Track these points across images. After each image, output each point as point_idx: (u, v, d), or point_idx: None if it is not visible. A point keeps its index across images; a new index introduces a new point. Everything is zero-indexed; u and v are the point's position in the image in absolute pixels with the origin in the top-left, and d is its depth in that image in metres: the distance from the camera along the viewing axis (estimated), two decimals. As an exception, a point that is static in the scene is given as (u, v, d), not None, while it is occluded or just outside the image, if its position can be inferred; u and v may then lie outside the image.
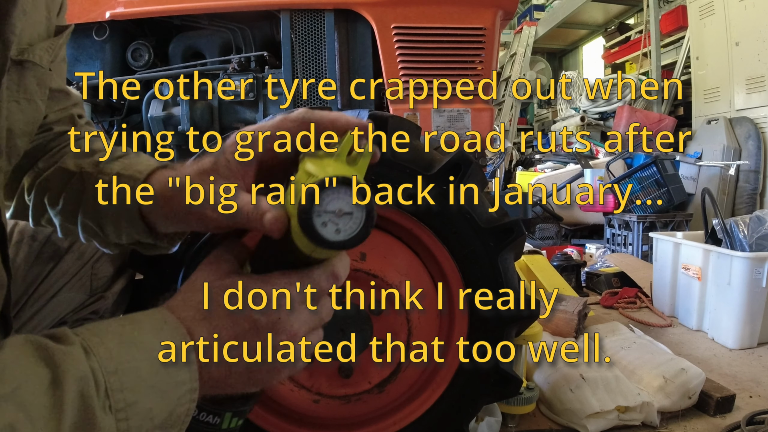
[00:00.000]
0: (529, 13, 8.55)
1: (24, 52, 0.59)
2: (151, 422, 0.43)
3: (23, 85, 0.60)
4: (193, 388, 0.46)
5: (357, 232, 0.47)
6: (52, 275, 0.88)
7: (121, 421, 0.41)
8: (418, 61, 1.67)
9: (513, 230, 0.96)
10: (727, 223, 2.17)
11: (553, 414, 1.40)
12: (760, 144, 4.12)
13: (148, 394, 0.43)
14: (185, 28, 1.85)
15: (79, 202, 0.67)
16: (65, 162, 0.70)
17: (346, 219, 0.47)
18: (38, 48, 0.61)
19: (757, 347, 1.97)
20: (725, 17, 4.40)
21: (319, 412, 1.03)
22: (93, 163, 0.69)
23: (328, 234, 0.46)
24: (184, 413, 0.46)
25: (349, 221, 0.47)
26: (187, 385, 0.46)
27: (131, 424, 0.42)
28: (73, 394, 0.39)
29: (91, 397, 0.40)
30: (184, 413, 0.46)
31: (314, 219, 0.46)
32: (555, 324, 1.83)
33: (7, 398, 0.36)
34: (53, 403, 0.38)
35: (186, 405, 0.46)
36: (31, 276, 0.86)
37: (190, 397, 0.46)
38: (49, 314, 0.87)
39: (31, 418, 0.36)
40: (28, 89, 0.61)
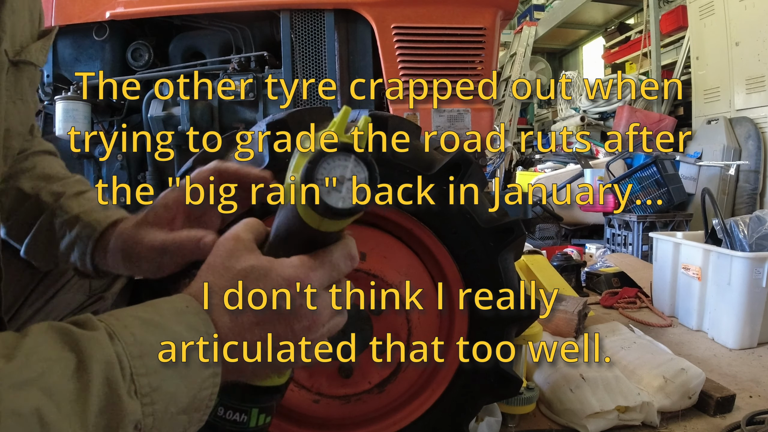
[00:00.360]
0: (529, 13, 8.55)
1: (20, 53, 0.60)
2: (175, 406, 0.44)
3: (19, 86, 0.62)
4: (215, 373, 0.47)
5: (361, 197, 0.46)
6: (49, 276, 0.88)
7: (146, 405, 0.41)
8: (418, 61, 1.67)
9: (513, 230, 0.96)
10: (727, 223, 2.17)
11: (553, 414, 1.40)
12: (760, 144, 4.12)
13: (172, 378, 0.43)
14: (185, 28, 1.85)
15: (32, 226, 0.73)
16: (21, 182, 0.74)
17: (348, 185, 0.46)
18: (33, 49, 0.62)
19: (757, 347, 1.97)
20: (725, 17, 4.40)
21: (319, 412, 1.03)
22: (51, 193, 0.74)
23: (332, 202, 0.45)
24: (207, 397, 0.46)
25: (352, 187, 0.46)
26: (210, 369, 0.46)
27: (156, 408, 0.42)
28: (99, 378, 0.39)
29: (117, 381, 0.40)
30: (207, 397, 0.46)
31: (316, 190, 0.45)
32: (555, 324, 1.83)
33: (33, 383, 0.36)
34: (79, 388, 0.38)
35: (209, 389, 0.46)
36: (28, 277, 0.86)
37: (213, 381, 0.47)
38: (48, 316, 0.86)
39: (57, 402, 0.36)
40: (22, 89, 0.63)
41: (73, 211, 0.71)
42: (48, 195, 0.73)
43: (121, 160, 1.82)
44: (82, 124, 1.67)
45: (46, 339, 0.40)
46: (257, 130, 0.94)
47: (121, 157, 1.81)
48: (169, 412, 0.43)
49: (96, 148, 1.83)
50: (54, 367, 0.38)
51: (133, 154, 1.83)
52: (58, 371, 0.38)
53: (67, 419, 0.37)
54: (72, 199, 0.73)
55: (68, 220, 0.71)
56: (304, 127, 0.90)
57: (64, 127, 1.65)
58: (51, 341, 0.40)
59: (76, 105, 1.67)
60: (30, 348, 0.38)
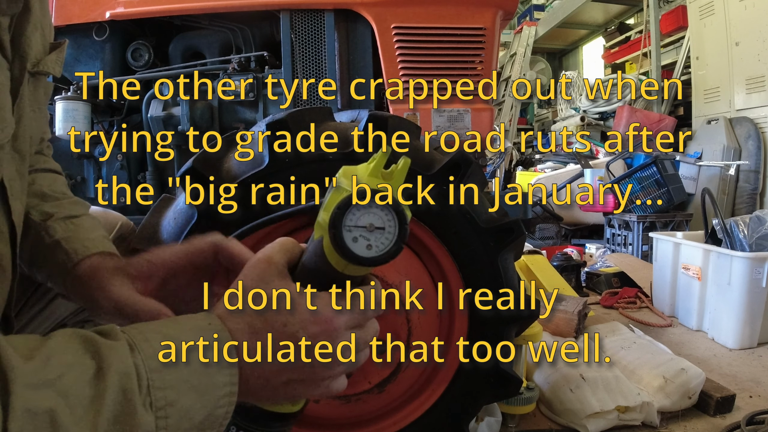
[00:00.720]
0: (529, 13, 8.55)
1: (38, 65, 0.62)
2: (189, 422, 0.44)
3: (37, 96, 0.64)
4: (232, 392, 0.47)
5: (389, 248, 0.45)
6: None
7: (160, 418, 0.42)
8: (418, 61, 1.67)
9: (513, 230, 0.96)
10: (727, 223, 2.17)
11: (553, 414, 1.40)
12: (760, 144, 4.12)
13: (189, 393, 0.44)
14: (185, 28, 1.85)
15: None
16: None
17: (377, 234, 0.45)
18: (49, 60, 0.64)
19: (757, 347, 1.97)
20: (725, 17, 4.40)
21: (319, 412, 1.03)
22: (41, 213, 0.74)
23: (358, 250, 0.45)
24: (222, 416, 0.47)
25: (381, 236, 0.45)
26: (227, 388, 0.46)
27: (170, 422, 0.42)
28: (115, 387, 0.39)
29: (133, 392, 0.40)
30: (222, 416, 0.47)
31: (344, 234, 0.44)
32: (555, 324, 1.83)
33: (50, 384, 0.37)
34: (94, 395, 0.38)
35: (224, 407, 0.46)
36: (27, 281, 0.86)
37: (228, 400, 0.47)
38: (49, 317, 0.86)
39: (71, 406, 0.37)
40: (39, 99, 0.66)
41: (57, 235, 0.71)
42: (38, 214, 0.73)
43: (121, 160, 1.82)
44: (82, 124, 1.67)
45: (68, 344, 0.40)
46: (257, 130, 0.94)
47: (121, 157, 1.81)
48: (182, 428, 0.43)
49: (96, 148, 1.83)
50: (72, 372, 0.38)
51: (133, 154, 1.83)
52: (76, 376, 0.38)
53: (79, 424, 0.37)
54: (59, 222, 0.73)
55: (49, 244, 0.70)
56: (304, 127, 0.90)
57: (64, 127, 1.65)
58: (73, 346, 0.40)
59: (76, 105, 1.67)
60: (51, 351, 0.39)
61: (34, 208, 0.74)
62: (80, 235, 0.72)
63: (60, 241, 0.71)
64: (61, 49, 0.68)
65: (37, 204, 0.75)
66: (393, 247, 0.45)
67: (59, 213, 0.74)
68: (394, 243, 0.45)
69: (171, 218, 0.94)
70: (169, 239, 0.91)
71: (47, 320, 0.87)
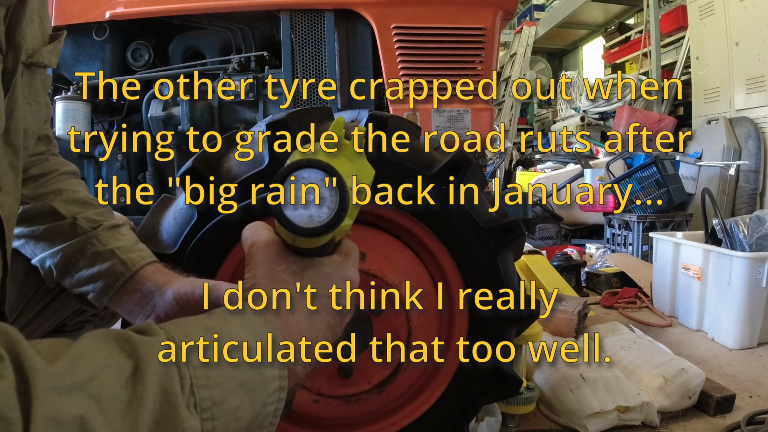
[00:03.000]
0: (529, 13, 8.55)
1: (33, 56, 0.62)
2: (237, 423, 0.40)
3: (33, 88, 0.64)
4: (281, 387, 0.44)
5: (328, 219, 0.45)
6: None
7: (206, 420, 0.37)
8: (418, 61, 1.67)
9: (513, 230, 0.96)
10: (727, 223, 2.17)
11: (553, 414, 1.40)
12: (760, 144, 4.11)
13: (236, 392, 0.40)
14: (185, 28, 1.85)
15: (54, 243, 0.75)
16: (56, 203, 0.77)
17: (318, 205, 0.45)
18: (45, 51, 0.64)
19: (757, 347, 1.97)
20: (725, 17, 4.40)
21: (319, 412, 1.03)
22: (88, 220, 0.77)
23: (298, 220, 0.45)
24: (272, 413, 0.43)
25: (321, 208, 0.45)
26: (276, 383, 0.43)
27: (216, 424, 0.38)
28: (155, 389, 0.35)
29: (175, 393, 0.36)
30: (272, 413, 0.43)
31: (284, 206, 0.45)
32: (555, 324, 1.83)
33: (81, 388, 0.32)
34: (131, 398, 0.34)
35: (274, 404, 0.43)
36: (31, 279, 0.86)
37: (278, 396, 0.44)
38: (49, 317, 0.86)
39: (104, 411, 0.32)
40: (36, 91, 0.65)
41: (109, 244, 0.74)
42: (85, 221, 0.76)
43: (121, 160, 1.82)
44: (82, 124, 1.67)
45: (99, 343, 0.36)
46: (257, 130, 0.94)
47: (121, 157, 1.81)
48: (229, 431, 0.39)
49: (96, 148, 1.83)
50: (105, 372, 0.34)
51: (133, 154, 1.83)
52: (110, 377, 0.34)
53: None
54: (108, 232, 0.76)
55: (102, 252, 0.73)
56: (304, 127, 0.90)
57: (64, 127, 1.65)
58: (105, 345, 0.36)
59: (76, 105, 1.67)
60: (79, 351, 0.34)
61: (79, 215, 0.76)
62: (131, 245, 0.76)
63: (114, 250, 0.73)
64: (59, 41, 0.68)
65: (79, 211, 0.77)
66: (332, 219, 0.45)
67: (105, 222, 0.78)
68: (334, 215, 0.45)
69: (171, 218, 0.94)
70: (169, 239, 0.91)
71: (47, 320, 0.87)
